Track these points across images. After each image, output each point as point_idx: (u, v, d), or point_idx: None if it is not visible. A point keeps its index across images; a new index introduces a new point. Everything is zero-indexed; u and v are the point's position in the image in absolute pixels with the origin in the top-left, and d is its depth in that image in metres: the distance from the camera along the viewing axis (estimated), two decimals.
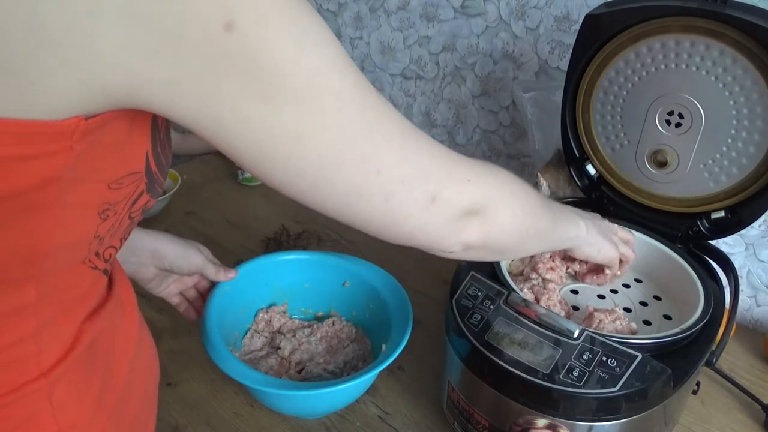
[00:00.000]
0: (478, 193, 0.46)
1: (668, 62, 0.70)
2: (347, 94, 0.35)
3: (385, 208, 0.41)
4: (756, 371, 0.85)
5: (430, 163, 0.42)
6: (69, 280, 0.36)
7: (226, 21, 0.28)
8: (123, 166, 0.33)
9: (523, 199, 0.53)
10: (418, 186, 0.42)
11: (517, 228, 0.52)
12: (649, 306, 0.72)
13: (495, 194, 0.48)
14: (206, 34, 0.28)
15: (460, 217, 0.45)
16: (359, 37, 1.24)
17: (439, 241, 0.46)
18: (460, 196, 0.45)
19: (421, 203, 0.42)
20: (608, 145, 0.80)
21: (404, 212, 0.42)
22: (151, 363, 0.50)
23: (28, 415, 0.35)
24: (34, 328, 0.35)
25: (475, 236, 0.48)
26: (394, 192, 0.40)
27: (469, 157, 0.48)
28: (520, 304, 0.63)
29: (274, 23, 0.30)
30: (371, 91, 0.37)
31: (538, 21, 0.99)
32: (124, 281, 0.47)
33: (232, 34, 0.28)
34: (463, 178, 0.45)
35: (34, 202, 0.29)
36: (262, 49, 0.30)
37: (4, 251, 0.30)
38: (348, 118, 0.35)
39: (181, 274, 0.73)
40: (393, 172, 0.39)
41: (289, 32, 0.31)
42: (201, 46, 0.28)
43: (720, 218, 0.74)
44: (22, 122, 0.26)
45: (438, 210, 0.43)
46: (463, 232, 0.46)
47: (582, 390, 0.56)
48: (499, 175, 0.51)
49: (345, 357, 0.81)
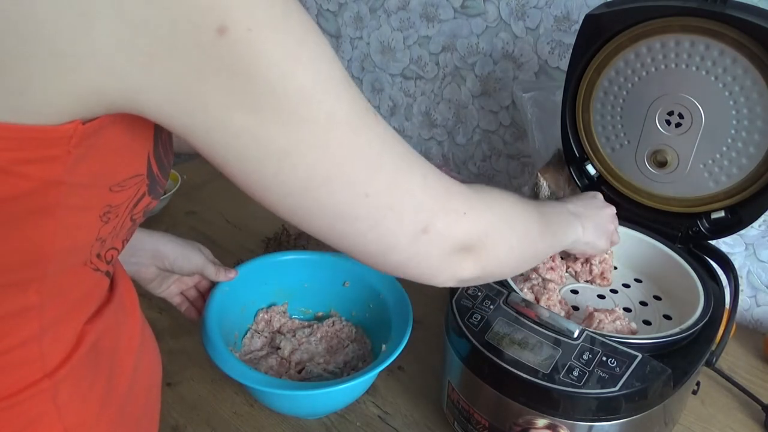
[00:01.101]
0: (474, 228, 0.44)
1: (668, 62, 0.70)
2: (341, 114, 0.34)
3: (372, 235, 0.39)
4: (756, 371, 0.85)
5: (423, 192, 0.40)
6: (71, 283, 0.36)
7: (219, 25, 0.27)
8: (125, 169, 0.33)
9: (521, 227, 0.51)
10: (409, 215, 0.40)
11: (514, 258, 0.50)
12: (649, 306, 0.72)
13: (492, 228, 0.46)
14: (199, 38, 0.27)
15: (454, 252, 0.43)
16: (359, 37, 1.24)
17: (431, 275, 0.45)
18: (453, 230, 0.43)
19: (410, 233, 0.40)
20: (608, 145, 0.80)
21: (392, 241, 0.40)
22: (154, 362, 0.50)
23: (33, 417, 0.35)
24: (38, 330, 0.35)
25: (470, 272, 0.46)
26: (382, 218, 0.38)
27: (467, 184, 0.46)
28: (520, 304, 0.63)
29: (268, 32, 0.29)
30: (368, 112, 0.36)
31: (538, 21, 0.99)
32: (126, 282, 0.47)
33: (224, 40, 0.28)
34: (458, 210, 0.43)
35: (35, 207, 0.29)
36: (253, 58, 0.29)
37: (5, 255, 0.30)
38: (339, 138, 0.34)
39: (181, 274, 0.73)
40: (381, 198, 0.38)
41: (284, 43, 0.30)
42: (193, 50, 0.27)
43: (720, 218, 0.74)
44: (19, 127, 0.26)
45: (429, 242, 0.41)
46: (456, 267, 0.45)
47: (582, 390, 0.56)
48: (497, 205, 0.48)
49: (345, 357, 0.81)
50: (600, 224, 0.68)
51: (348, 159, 0.35)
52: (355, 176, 0.36)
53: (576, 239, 0.64)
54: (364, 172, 0.36)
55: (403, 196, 0.39)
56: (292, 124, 0.32)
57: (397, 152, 0.39)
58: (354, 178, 0.36)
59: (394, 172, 0.38)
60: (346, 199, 0.37)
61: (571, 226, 0.63)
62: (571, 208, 0.66)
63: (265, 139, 0.32)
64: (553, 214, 0.61)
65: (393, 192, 0.38)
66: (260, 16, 0.29)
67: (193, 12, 0.27)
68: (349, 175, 0.36)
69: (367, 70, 1.27)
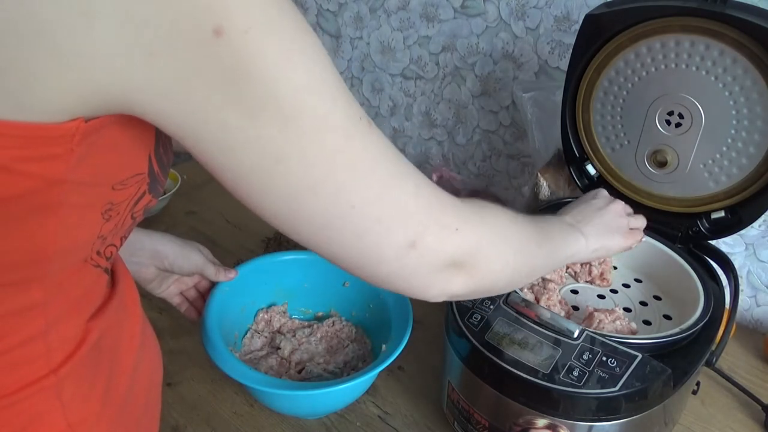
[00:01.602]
0: (466, 244, 0.42)
1: (668, 62, 0.70)
2: (334, 120, 0.33)
3: (359, 246, 0.38)
4: (756, 371, 0.85)
5: (414, 204, 0.39)
6: (73, 280, 0.36)
7: (216, 26, 0.27)
8: (127, 168, 0.33)
9: (517, 242, 0.49)
10: (398, 227, 0.38)
11: (509, 274, 0.48)
12: (649, 306, 0.72)
13: (486, 244, 0.45)
14: (196, 38, 0.27)
15: (444, 268, 0.42)
16: (359, 37, 1.24)
17: (420, 290, 0.43)
18: (444, 245, 0.41)
19: (398, 247, 0.39)
20: (608, 145, 0.80)
21: (378, 253, 0.39)
22: (155, 361, 0.50)
23: (38, 413, 0.36)
24: (43, 327, 0.35)
25: (461, 288, 0.44)
26: (368, 230, 0.37)
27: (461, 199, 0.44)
28: (520, 304, 0.63)
29: (263, 34, 0.29)
30: (361, 120, 0.35)
31: (538, 21, 0.99)
32: (128, 279, 0.47)
33: (220, 40, 0.28)
34: (450, 225, 0.41)
35: (37, 205, 0.29)
36: (249, 59, 0.29)
37: (8, 253, 0.30)
38: (331, 144, 0.34)
39: (181, 274, 0.73)
40: (368, 209, 0.37)
41: (279, 45, 0.30)
42: (191, 49, 0.28)
43: (720, 218, 0.74)
44: (22, 125, 0.26)
45: (418, 257, 0.40)
46: (447, 284, 0.43)
47: (582, 390, 0.56)
48: (492, 220, 0.47)
49: (345, 357, 0.81)
50: (605, 224, 0.65)
51: (339, 165, 0.35)
52: (344, 184, 0.35)
53: (578, 249, 0.61)
54: (355, 181, 0.36)
55: (393, 208, 0.38)
56: (285, 127, 0.32)
57: (390, 162, 0.38)
58: (343, 185, 0.35)
59: (385, 182, 0.37)
60: (334, 207, 0.36)
61: (570, 237, 0.61)
62: (568, 219, 0.63)
63: (257, 141, 0.32)
64: (551, 229, 0.59)
65: (383, 203, 0.37)
66: (257, 17, 0.29)
67: (191, 11, 0.27)
68: (339, 183, 0.35)
69: (367, 70, 1.27)
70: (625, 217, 0.68)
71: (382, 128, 1.31)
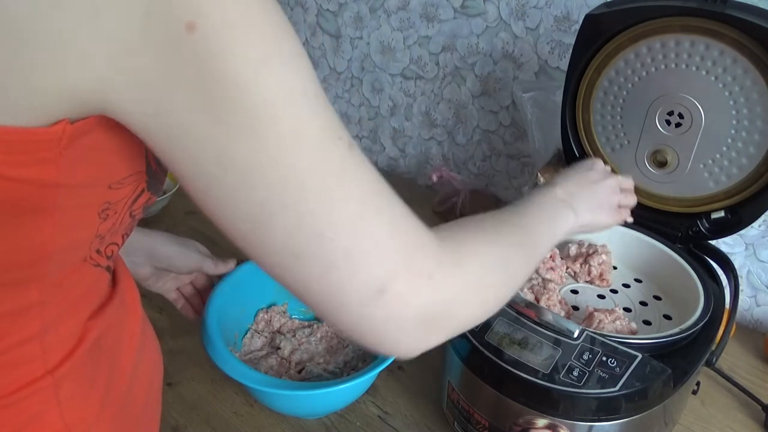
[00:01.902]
0: (439, 296, 0.37)
1: (668, 62, 0.70)
2: (310, 134, 0.30)
3: (323, 282, 0.34)
4: (756, 371, 0.85)
5: (388, 242, 0.34)
6: (72, 279, 0.36)
7: (189, 21, 0.26)
8: (123, 168, 0.33)
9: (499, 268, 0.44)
10: (366, 266, 0.34)
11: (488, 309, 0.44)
12: (649, 306, 0.72)
13: (461, 292, 0.39)
14: (168, 33, 0.26)
15: (416, 325, 0.36)
16: (359, 37, 1.24)
17: (390, 346, 0.37)
18: (414, 297, 0.35)
19: (366, 290, 0.34)
20: (608, 145, 0.80)
21: (342, 296, 0.34)
22: (155, 361, 0.50)
23: (35, 413, 0.36)
24: (39, 328, 0.35)
25: (435, 342, 0.39)
26: (334, 265, 0.33)
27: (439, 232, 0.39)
28: (520, 304, 0.63)
29: (239, 32, 0.27)
30: (341, 140, 0.32)
31: (538, 21, 0.99)
32: (128, 278, 0.47)
33: (193, 36, 0.26)
34: (422, 271, 0.36)
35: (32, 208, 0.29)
36: (220, 59, 0.27)
37: (5, 255, 0.30)
38: (301, 163, 0.30)
39: (179, 273, 0.73)
40: (337, 241, 0.32)
41: (254, 46, 0.28)
42: (163, 45, 0.26)
43: (720, 218, 0.74)
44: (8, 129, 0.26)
45: (385, 306, 0.34)
46: (419, 342, 0.38)
47: (582, 390, 0.56)
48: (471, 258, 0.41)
49: (345, 357, 0.81)
50: (595, 199, 0.61)
51: (309, 187, 0.31)
52: (314, 208, 0.32)
53: (568, 227, 0.57)
54: (325, 206, 0.32)
55: (365, 242, 0.33)
56: (255, 136, 0.29)
57: (369, 190, 0.34)
58: (313, 210, 0.32)
59: (360, 213, 0.33)
60: (298, 232, 0.32)
61: (560, 217, 0.56)
62: (559, 193, 0.59)
63: (226, 150, 0.29)
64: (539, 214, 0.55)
65: (353, 236, 0.33)
66: (233, 15, 0.27)
67: (165, 5, 0.26)
68: (308, 206, 0.31)
69: (367, 70, 1.27)
70: (618, 193, 0.65)
71: (382, 128, 1.31)
